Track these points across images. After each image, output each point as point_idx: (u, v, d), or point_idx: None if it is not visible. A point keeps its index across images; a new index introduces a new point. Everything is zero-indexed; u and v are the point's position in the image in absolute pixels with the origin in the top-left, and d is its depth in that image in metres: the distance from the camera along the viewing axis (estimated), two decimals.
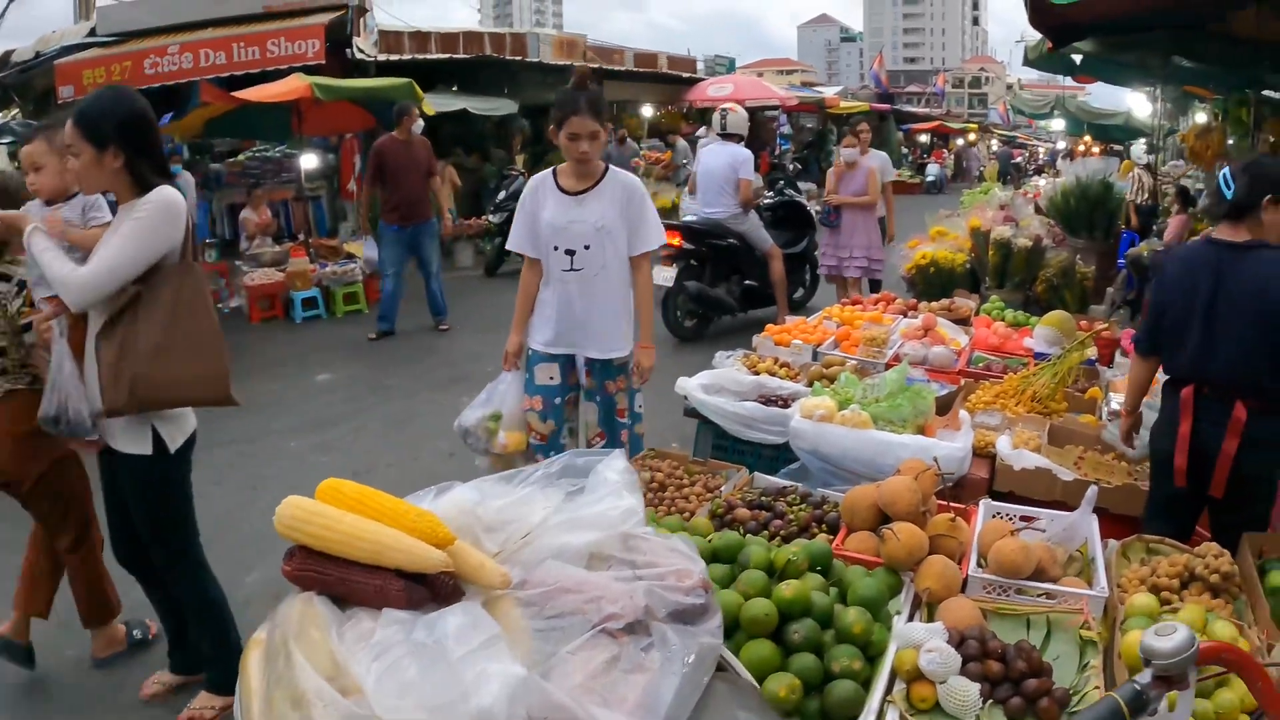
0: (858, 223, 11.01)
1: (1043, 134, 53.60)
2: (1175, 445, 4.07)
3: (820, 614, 2.88)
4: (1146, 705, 1.76)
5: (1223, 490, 4.02)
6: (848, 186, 10.98)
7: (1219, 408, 3.98)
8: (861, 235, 11.02)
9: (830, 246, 11.26)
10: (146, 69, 14.34)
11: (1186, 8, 8.39)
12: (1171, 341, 4.15)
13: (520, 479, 2.60)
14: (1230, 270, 3.94)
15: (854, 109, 34.61)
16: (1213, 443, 3.99)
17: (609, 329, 5.10)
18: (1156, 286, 4.25)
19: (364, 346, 10.92)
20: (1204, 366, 4.02)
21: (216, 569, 5.47)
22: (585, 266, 4.99)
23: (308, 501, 2.41)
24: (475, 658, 1.99)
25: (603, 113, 4.92)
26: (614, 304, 5.11)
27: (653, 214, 5.13)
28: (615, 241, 5.00)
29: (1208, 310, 3.97)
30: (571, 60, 21.71)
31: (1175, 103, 17.66)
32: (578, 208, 4.98)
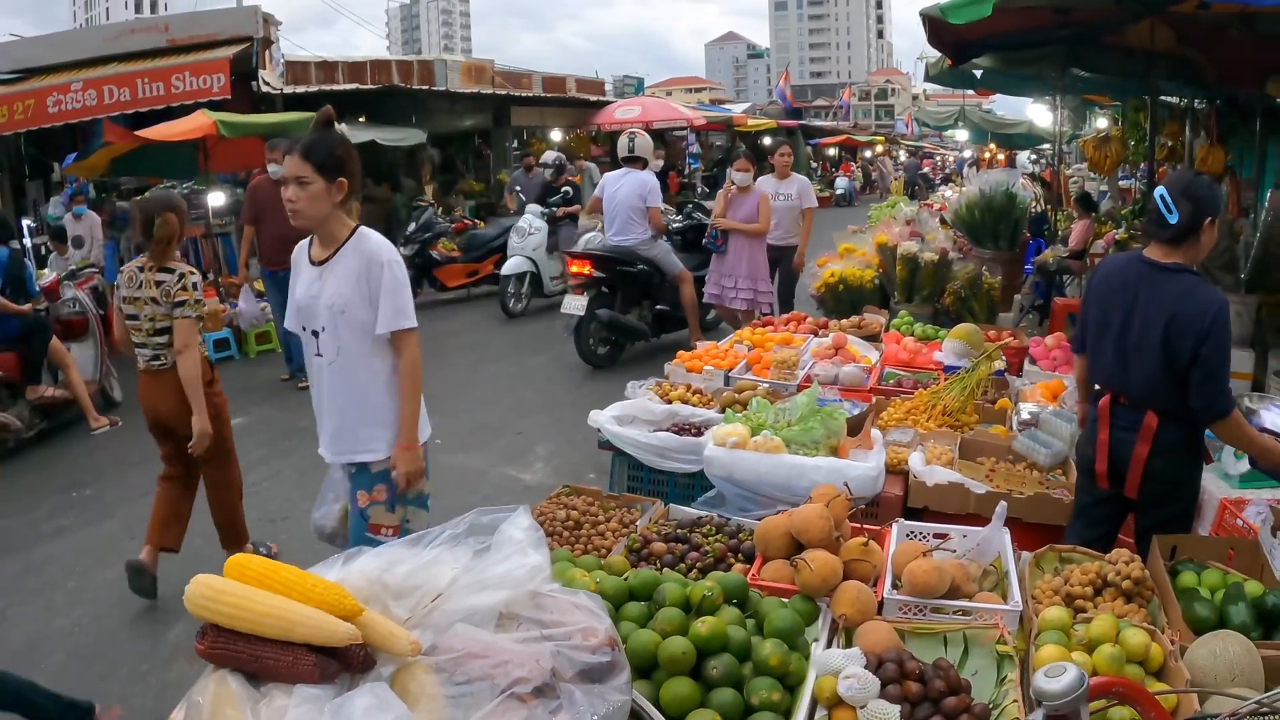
0: (744, 251, 10.25)
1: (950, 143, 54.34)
2: (1095, 451, 4.21)
3: (738, 648, 2.89)
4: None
5: (1136, 491, 4.14)
6: (737, 211, 10.24)
7: (1133, 415, 4.09)
8: (747, 264, 10.25)
9: (715, 274, 10.51)
10: (50, 107, 14.13)
11: (1080, 24, 8.59)
12: (1093, 350, 4.29)
13: (427, 540, 2.57)
14: (1147, 290, 4.04)
15: (762, 126, 34.96)
16: (1127, 448, 4.11)
17: (348, 426, 4.31)
18: (1086, 291, 4.42)
19: (277, 388, 10.79)
20: (1119, 378, 4.15)
21: (137, 625, 5.46)
22: (324, 352, 4.25)
23: (216, 579, 2.38)
24: None
25: (329, 161, 4.06)
26: (355, 396, 4.27)
27: (399, 287, 4.21)
28: (352, 323, 4.18)
29: (1123, 326, 4.09)
30: (480, 86, 21.71)
31: (1075, 111, 18.04)
32: (319, 281, 4.24)
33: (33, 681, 4.40)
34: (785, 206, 10.85)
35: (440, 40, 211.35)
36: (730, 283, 10.27)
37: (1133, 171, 18.93)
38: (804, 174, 31.46)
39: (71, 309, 10.12)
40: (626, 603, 3.08)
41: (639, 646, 2.77)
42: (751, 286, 10.23)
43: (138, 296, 5.72)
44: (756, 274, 10.27)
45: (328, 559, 2.56)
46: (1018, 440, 5.31)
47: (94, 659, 5.21)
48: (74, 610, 5.79)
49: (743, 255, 10.22)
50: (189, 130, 12.37)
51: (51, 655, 5.26)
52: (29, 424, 9.02)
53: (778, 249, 10.81)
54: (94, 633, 5.51)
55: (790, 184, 10.95)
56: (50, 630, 5.55)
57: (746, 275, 10.21)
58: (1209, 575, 3.55)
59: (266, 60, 16.66)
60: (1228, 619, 3.20)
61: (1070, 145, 21.51)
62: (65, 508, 7.42)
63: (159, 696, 4.80)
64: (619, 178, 10.58)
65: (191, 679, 4.69)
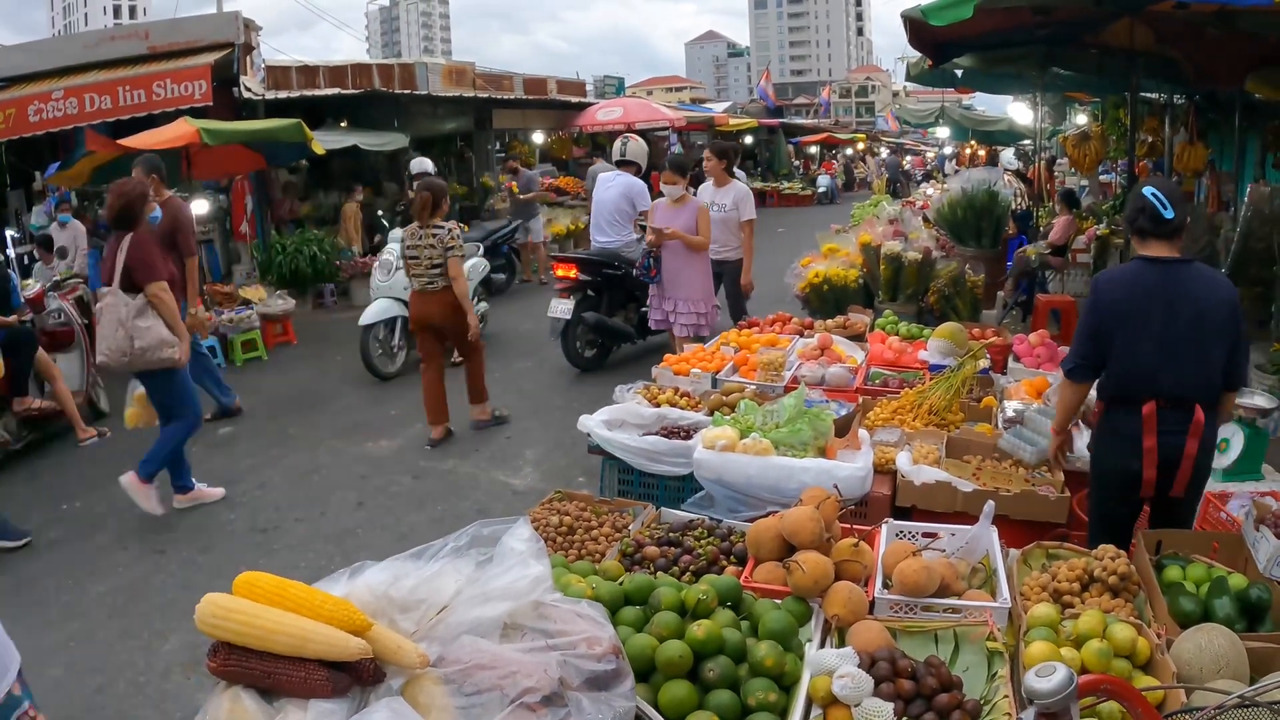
0: (682, 270, 9.08)
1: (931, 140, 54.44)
2: (1144, 460, 4.19)
3: (733, 650, 2.94)
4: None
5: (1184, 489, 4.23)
6: (673, 224, 8.99)
7: (1178, 415, 4.14)
8: (687, 285, 9.12)
9: (655, 298, 9.45)
10: (31, 116, 14.06)
11: (1060, 24, 8.65)
12: (1124, 361, 4.23)
13: (430, 553, 2.62)
14: (1174, 288, 4.12)
15: (743, 125, 35.00)
16: (1177, 450, 4.15)
17: None
18: (1096, 311, 4.28)
19: (264, 396, 10.76)
20: (1167, 380, 4.15)
21: (132, 638, 5.46)
22: None
23: (226, 598, 2.42)
24: None
25: None
26: None
27: None
28: None
29: (1164, 328, 4.12)
30: (461, 89, 21.68)
31: (1055, 108, 18.15)
32: None
33: None
34: (721, 218, 9.60)
35: (420, 43, 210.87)
36: (670, 306, 9.26)
37: (1113, 167, 19.03)
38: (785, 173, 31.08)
39: (57, 320, 10.09)
40: (622, 607, 3.12)
41: (636, 651, 2.81)
42: (693, 310, 9.15)
43: (419, 244, 8.34)
44: (698, 295, 9.17)
45: (333, 574, 2.60)
46: (1003, 438, 5.36)
47: (91, 672, 5.21)
48: (68, 624, 5.78)
49: (681, 275, 9.12)
50: (172, 138, 12.31)
51: (48, 670, 5.25)
52: (16, 436, 9.01)
53: (717, 263, 9.72)
54: (89, 647, 5.51)
55: (726, 193, 9.78)
56: (45, 645, 5.54)
57: (686, 298, 9.15)
58: (1194, 569, 3.60)
59: (248, 66, 16.60)
60: (1212, 612, 3.25)
61: (1051, 141, 21.60)
62: (55, 521, 7.41)
63: (158, 708, 4.82)
64: (609, 180, 10.69)
65: (190, 691, 4.77)
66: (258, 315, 12.97)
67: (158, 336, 6.93)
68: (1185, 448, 4.13)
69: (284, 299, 13.79)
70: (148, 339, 6.89)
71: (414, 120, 20.30)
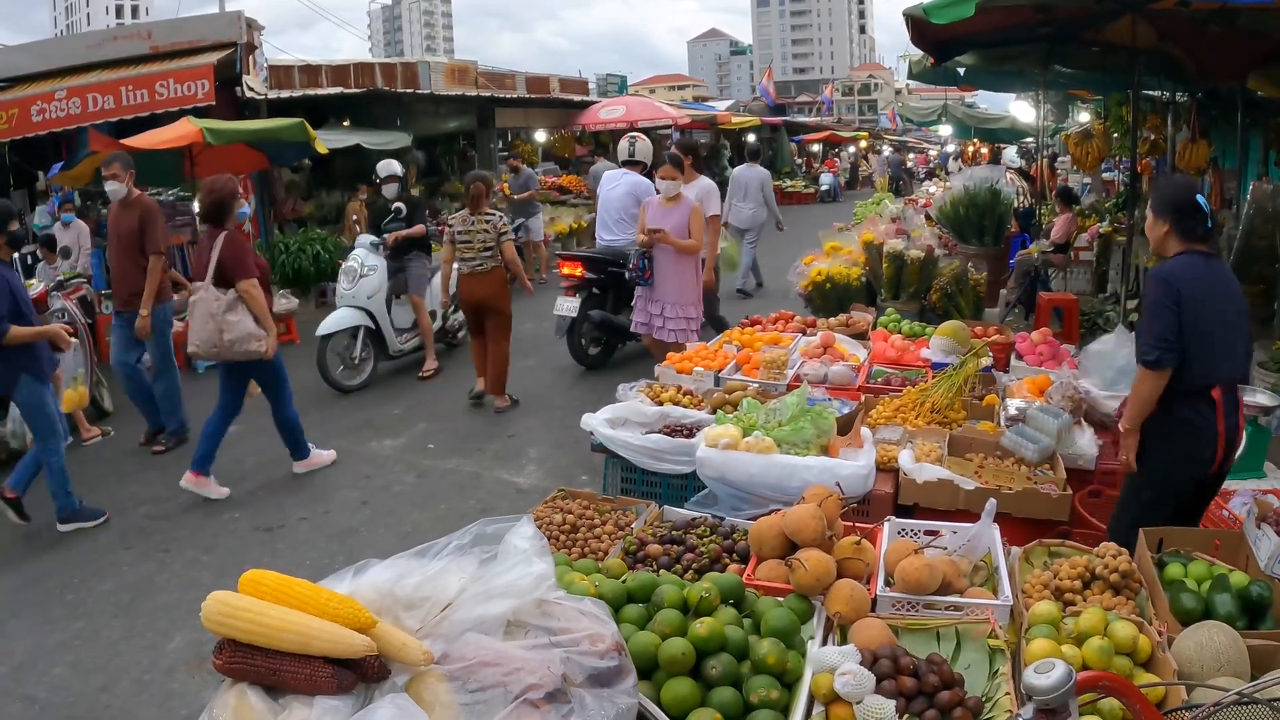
0: (671, 272, 8.57)
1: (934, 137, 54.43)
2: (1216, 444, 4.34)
3: (736, 647, 2.96)
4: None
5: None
6: (664, 224, 8.48)
7: (1232, 399, 4.34)
8: (677, 289, 8.61)
9: (642, 299, 8.89)
10: (34, 116, 14.12)
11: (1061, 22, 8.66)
12: (1200, 352, 4.28)
13: (434, 551, 2.64)
14: (1221, 279, 4.38)
15: (746, 124, 35.02)
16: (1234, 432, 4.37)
17: None
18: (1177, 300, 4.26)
19: None
20: (1227, 368, 4.34)
21: (136, 637, 5.47)
22: None
23: (232, 596, 2.44)
24: None
25: None
26: None
27: None
28: None
29: (1222, 317, 4.30)
30: (464, 88, 21.69)
31: (1058, 105, 18.14)
32: None
33: None
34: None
35: (423, 41, 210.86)
36: (658, 310, 8.71)
37: (1116, 164, 19.02)
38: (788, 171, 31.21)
39: (60, 320, 10.10)
40: (625, 605, 3.14)
41: (639, 648, 2.82)
42: (682, 314, 8.67)
43: (471, 229, 9.45)
44: (687, 299, 8.68)
45: (338, 572, 2.61)
46: (1005, 436, 5.37)
47: (95, 671, 5.22)
48: (72, 623, 5.79)
49: (670, 277, 8.60)
50: (175, 138, 12.35)
51: (53, 668, 5.27)
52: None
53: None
54: (93, 645, 5.52)
55: (691, 189, 9.36)
56: (50, 643, 5.56)
57: (676, 302, 8.63)
58: (1195, 567, 3.61)
59: (250, 65, 16.63)
60: (1214, 610, 3.26)
61: (1054, 139, 21.60)
62: (50, 525, 7.42)
63: (162, 706, 4.84)
64: (615, 178, 10.69)
65: (194, 689, 4.78)
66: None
67: (245, 330, 7.37)
68: (1239, 427, 4.39)
69: (287, 298, 13.81)
70: (236, 332, 7.35)
71: (417, 119, 20.33)
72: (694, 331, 8.70)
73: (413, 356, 11.61)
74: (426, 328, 11.34)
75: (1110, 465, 5.30)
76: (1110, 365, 5.87)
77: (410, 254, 11.47)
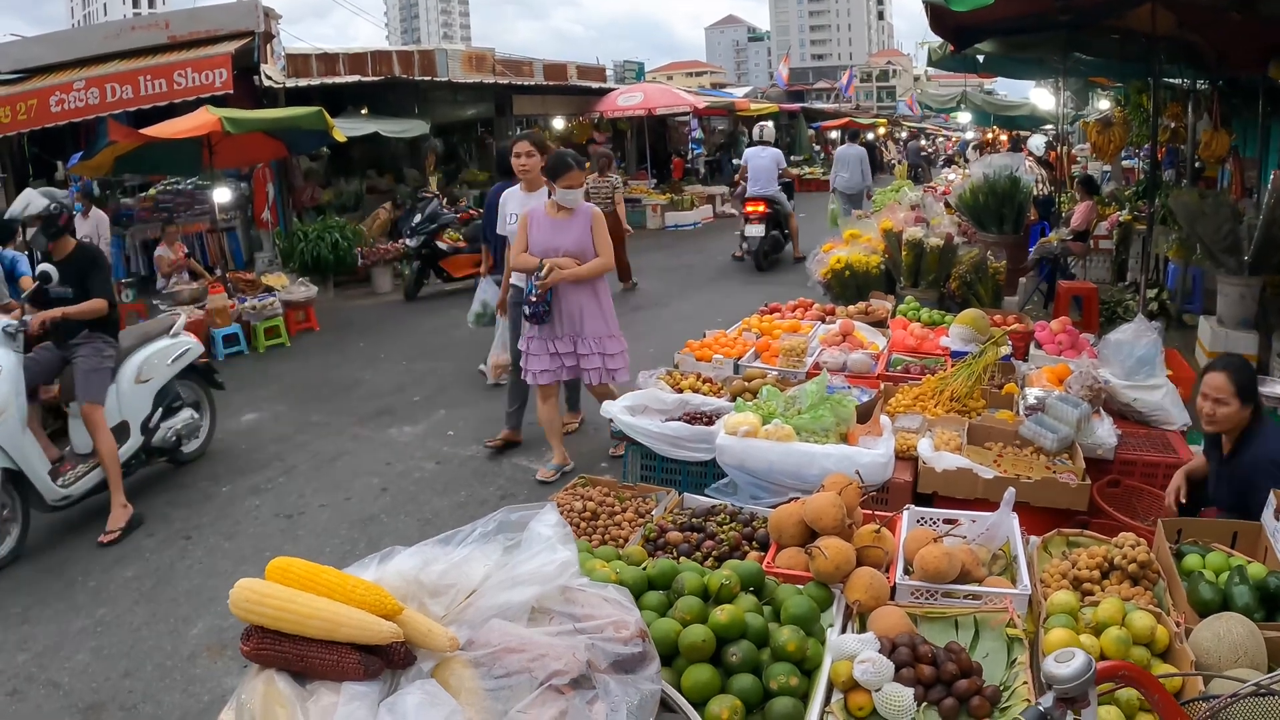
0: (583, 300, 6.93)
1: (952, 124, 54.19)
2: None
3: (755, 634, 2.97)
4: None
5: None
6: (560, 242, 6.82)
7: None
8: (589, 316, 6.96)
9: (538, 339, 7.02)
10: (53, 106, 14.17)
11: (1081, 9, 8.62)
12: None
13: (459, 539, 2.67)
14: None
15: (764, 110, 34.92)
16: None
17: None
18: None
19: (288, 383, 10.82)
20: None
21: (158, 624, 5.51)
22: None
23: (260, 583, 2.46)
24: None
25: None
26: None
27: None
28: None
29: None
30: (481, 75, 21.69)
31: (1078, 92, 18.07)
32: None
33: None
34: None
35: (439, 29, 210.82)
36: (567, 347, 7.00)
37: (1135, 152, 18.94)
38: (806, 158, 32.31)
39: None
40: (646, 592, 3.16)
41: (660, 635, 2.85)
42: (599, 350, 7.00)
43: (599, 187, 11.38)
44: (603, 328, 7.04)
45: (363, 559, 2.64)
46: (1024, 425, 5.36)
47: (118, 657, 5.26)
48: (96, 609, 5.84)
49: (581, 304, 6.96)
50: (194, 127, 12.37)
51: (76, 655, 5.31)
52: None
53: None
54: (116, 631, 5.56)
55: (539, 199, 7.38)
56: (73, 630, 5.60)
57: (593, 334, 6.98)
58: (1213, 558, 3.61)
59: (268, 54, 16.67)
60: (1231, 601, 3.26)
61: (1074, 126, 21.51)
62: (81, 507, 7.45)
63: (185, 691, 4.87)
64: (758, 153, 17.24)
65: (216, 675, 4.82)
66: (280, 302, 13.03)
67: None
68: None
69: (306, 286, 13.85)
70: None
71: (434, 106, 20.35)
72: (618, 369, 7.06)
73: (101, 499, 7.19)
74: (109, 453, 6.99)
75: (1129, 455, 5.30)
76: (1130, 355, 5.85)
77: (79, 338, 7.17)
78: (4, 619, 5.80)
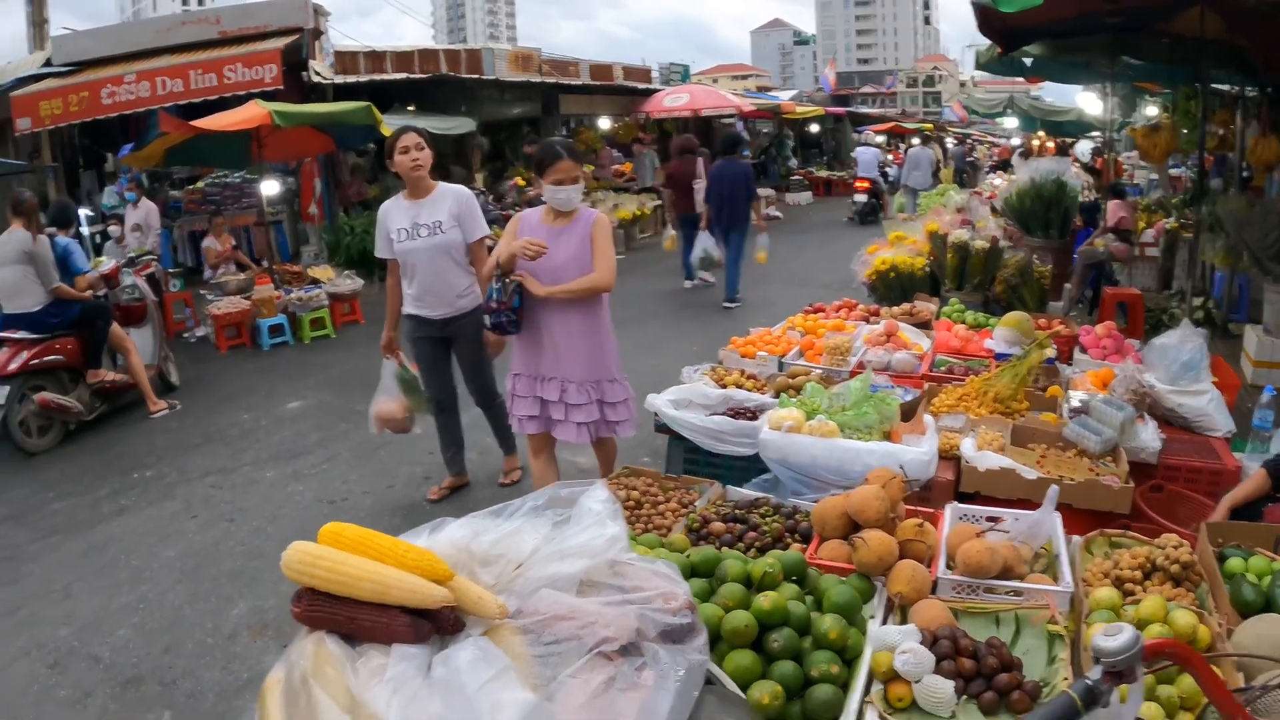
0: (572, 326, 5.44)
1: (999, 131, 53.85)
2: None
3: (798, 622, 2.99)
4: (1099, 699, 1.91)
5: None
6: (553, 257, 5.30)
7: None
8: (581, 354, 5.49)
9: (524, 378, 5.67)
10: (104, 98, 14.40)
11: (1129, 11, 8.57)
12: None
13: (509, 512, 2.71)
14: None
15: (810, 113, 34.88)
16: None
17: None
18: None
19: (332, 373, 10.92)
20: None
21: (200, 602, 5.60)
22: None
23: (313, 546, 2.50)
24: (490, 688, 2.10)
25: None
26: None
27: None
28: None
29: None
30: (528, 74, 21.76)
31: (1125, 98, 17.92)
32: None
33: None
34: (435, 244, 6.44)
35: (485, 29, 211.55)
36: (554, 393, 5.55)
37: (1183, 160, 18.78)
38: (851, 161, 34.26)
39: (131, 295, 10.30)
40: (689, 579, 3.17)
41: (703, 619, 2.86)
42: (595, 397, 5.56)
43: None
44: (600, 364, 5.58)
45: (414, 529, 2.68)
46: (1068, 427, 5.33)
47: (159, 633, 5.35)
48: (138, 587, 5.93)
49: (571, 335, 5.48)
50: (244, 120, 12.51)
51: (117, 630, 5.39)
52: (89, 407, 9.22)
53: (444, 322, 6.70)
54: (158, 609, 5.64)
55: (437, 204, 6.48)
56: (115, 606, 5.70)
57: (584, 376, 5.52)
58: (1256, 561, 3.58)
59: (316, 50, 16.82)
60: (1274, 603, 3.23)
61: (1120, 133, 21.36)
62: (126, 489, 7.59)
63: (225, 668, 4.94)
64: (864, 150, 26.90)
65: (256, 653, 4.89)
66: (326, 294, 13.16)
67: None
68: None
69: (352, 279, 13.97)
70: None
71: (481, 105, 20.44)
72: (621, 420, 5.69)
73: None
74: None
75: (1172, 461, 5.26)
76: (1175, 359, 5.80)
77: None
78: (47, 595, 5.91)
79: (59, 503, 7.44)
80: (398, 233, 6.44)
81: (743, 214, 14.17)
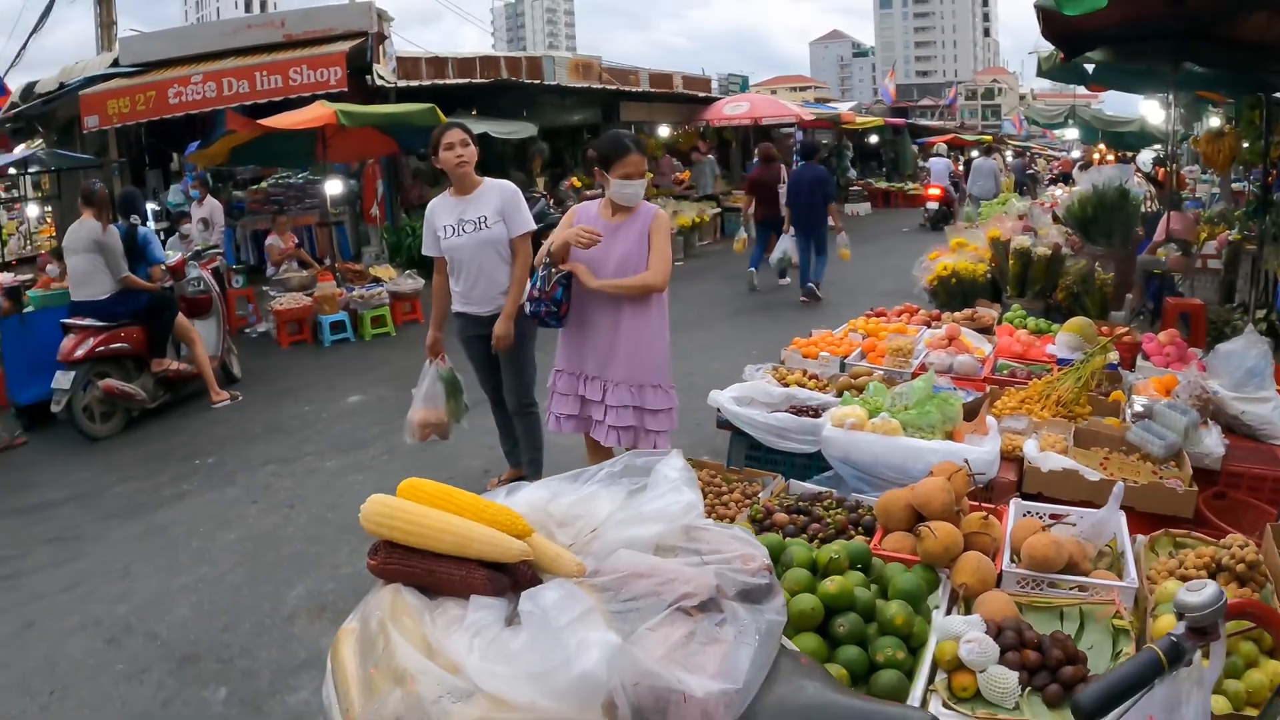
0: (622, 325, 5.33)
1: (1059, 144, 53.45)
2: None
3: (863, 608, 3.00)
4: (1182, 655, 1.92)
5: None
6: (608, 252, 5.26)
7: None
8: (628, 353, 5.35)
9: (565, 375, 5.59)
10: (171, 98, 14.63)
11: (1193, 16, 8.49)
12: None
13: (585, 478, 2.74)
14: None
15: (869, 124, 34.78)
16: None
17: None
18: None
19: (393, 369, 11.01)
20: None
21: (259, 585, 5.69)
22: None
23: (392, 499, 2.54)
24: (575, 627, 2.12)
25: None
26: None
27: None
28: None
29: None
30: (588, 82, 21.85)
31: (1188, 108, 17.73)
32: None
33: None
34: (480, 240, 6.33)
35: (545, 38, 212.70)
36: (596, 393, 5.45)
37: (1246, 174, 18.54)
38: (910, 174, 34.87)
39: (196, 288, 10.48)
40: None
41: None
42: (635, 402, 5.38)
43: None
44: (645, 367, 5.40)
45: (489, 491, 2.71)
46: (1131, 431, 5.30)
47: (217, 613, 5.44)
48: (197, 569, 6.03)
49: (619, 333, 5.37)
50: (311, 119, 12.67)
51: (175, 609, 5.49)
52: (152, 395, 9.40)
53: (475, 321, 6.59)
54: (216, 590, 5.74)
55: (482, 201, 6.38)
56: (174, 587, 5.81)
57: (625, 377, 5.37)
58: None
59: (380, 55, 16.99)
60: None
61: (1183, 146, 21.13)
62: (187, 475, 7.72)
63: (283, 649, 5.01)
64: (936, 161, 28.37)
65: (313, 635, 4.96)
66: (387, 293, 13.30)
67: None
68: None
69: (413, 278, 14.11)
70: None
71: (541, 111, 20.54)
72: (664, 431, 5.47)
73: None
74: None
75: (1235, 468, 5.21)
76: (1239, 366, 5.75)
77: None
78: (106, 573, 6.03)
79: (120, 486, 7.58)
80: (444, 230, 6.36)
81: (820, 216, 14.86)
